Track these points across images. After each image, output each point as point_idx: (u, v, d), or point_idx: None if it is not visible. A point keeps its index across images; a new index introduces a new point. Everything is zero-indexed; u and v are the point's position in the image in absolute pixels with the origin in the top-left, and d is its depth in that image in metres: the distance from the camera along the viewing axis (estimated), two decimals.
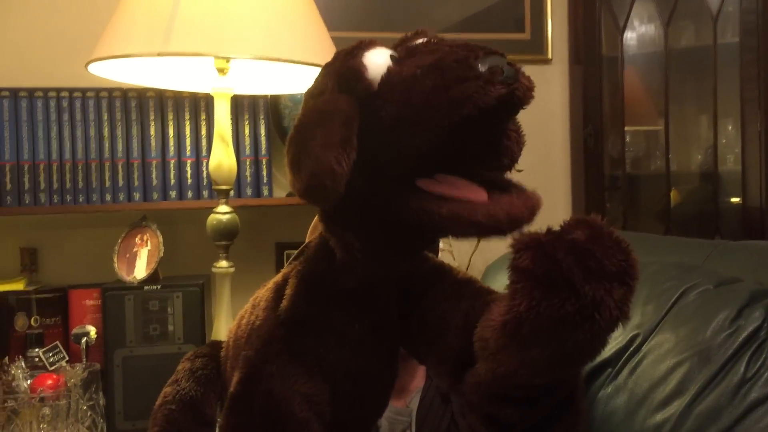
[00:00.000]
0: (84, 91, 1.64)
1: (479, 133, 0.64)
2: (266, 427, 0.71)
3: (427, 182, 0.62)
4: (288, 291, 0.74)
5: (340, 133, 0.59)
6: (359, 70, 0.63)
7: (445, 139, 0.60)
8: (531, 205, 0.61)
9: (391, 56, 0.64)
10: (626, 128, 1.97)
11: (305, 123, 0.62)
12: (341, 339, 0.72)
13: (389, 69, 0.62)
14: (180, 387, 0.86)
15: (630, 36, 1.99)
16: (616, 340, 1.01)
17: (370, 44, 0.65)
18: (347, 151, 0.58)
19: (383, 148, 0.61)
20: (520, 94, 0.60)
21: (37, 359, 1.53)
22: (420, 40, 0.67)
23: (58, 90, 1.63)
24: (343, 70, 0.64)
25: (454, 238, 0.68)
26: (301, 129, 0.62)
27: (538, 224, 0.64)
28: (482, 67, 0.58)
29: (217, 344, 0.90)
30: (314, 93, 0.66)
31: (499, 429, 0.67)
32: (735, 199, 1.87)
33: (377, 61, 0.63)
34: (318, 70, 1.01)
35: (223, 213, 1.50)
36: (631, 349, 0.99)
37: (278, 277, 0.79)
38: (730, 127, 1.88)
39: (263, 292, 0.80)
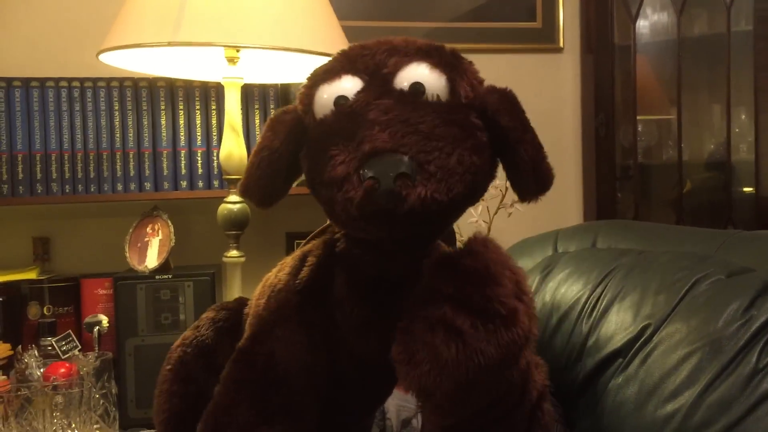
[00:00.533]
0: (95, 80, 1.65)
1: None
2: (263, 386, 0.73)
3: None
4: (309, 261, 0.76)
5: (259, 163, 0.67)
6: (307, 104, 0.68)
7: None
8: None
9: (339, 98, 0.65)
10: (638, 117, 1.96)
11: (261, 134, 0.69)
12: (348, 319, 0.73)
13: (322, 119, 0.65)
14: (199, 333, 0.89)
15: (642, 24, 1.97)
16: (627, 330, 1.01)
17: (335, 74, 0.67)
18: (263, 177, 0.67)
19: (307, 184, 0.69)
20: (399, 211, 0.59)
21: (49, 348, 1.54)
22: (405, 75, 0.65)
23: (70, 80, 1.64)
24: (298, 97, 0.70)
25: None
26: (259, 142, 0.69)
27: (550, 217, 0.65)
28: (365, 169, 0.59)
29: (244, 301, 0.92)
30: (285, 108, 0.72)
31: None
32: (748, 189, 1.85)
33: (325, 100, 0.66)
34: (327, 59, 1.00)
35: (233, 203, 1.50)
36: (642, 339, 0.98)
37: (307, 246, 0.80)
38: (743, 116, 1.86)
39: (290, 259, 0.81)
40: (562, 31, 2.05)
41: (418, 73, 0.65)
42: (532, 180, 0.66)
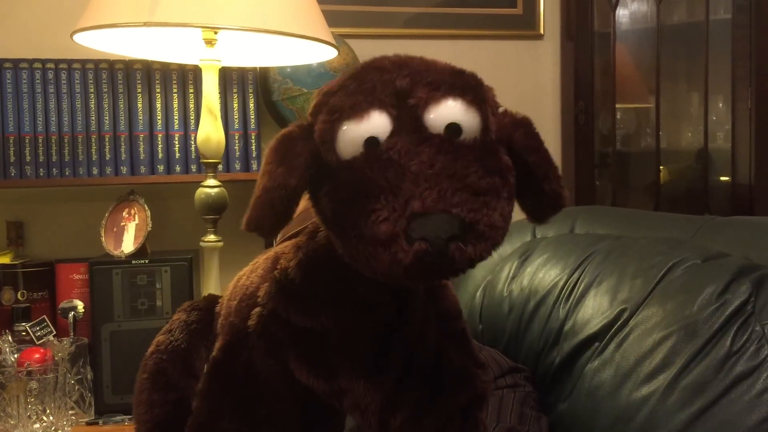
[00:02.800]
0: (70, 62, 1.62)
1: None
2: (245, 396, 0.71)
3: None
4: (281, 265, 0.74)
5: (272, 202, 0.61)
6: (328, 141, 0.60)
7: None
8: None
9: (369, 140, 0.59)
10: (617, 105, 1.97)
11: (264, 165, 0.62)
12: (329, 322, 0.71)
13: (354, 159, 0.59)
14: (173, 337, 0.87)
15: (622, 12, 1.98)
16: (604, 315, 1.01)
17: (363, 110, 0.59)
18: (277, 212, 0.61)
19: (326, 223, 0.63)
20: (444, 272, 0.56)
21: (24, 333, 1.53)
22: (437, 115, 0.60)
23: (44, 61, 1.61)
24: (318, 129, 0.61)
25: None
26: (262, 168, 0.63)
27: None
28: (413, 229, 0.54)
29: (214, 298, 0.90)
30: (309, 112, 0.64)
31: None
32: (724, 177, 1.87)
33: (352, 139, 0.59)
34: (308, 43, 0.97)
35: (211, 187, 1.49)
36: (619, 323, 0.99)
37: (280, 248, 0.78)
38: (720, 105, 1.88)
39: (262, 259, 0.79)
40: (543, 18, 2.05)
41: (454, 113, 0.60)
42: (551, 209, 0.65)
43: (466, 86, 0.63)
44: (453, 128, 0.59)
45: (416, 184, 0.56)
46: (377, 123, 0.59)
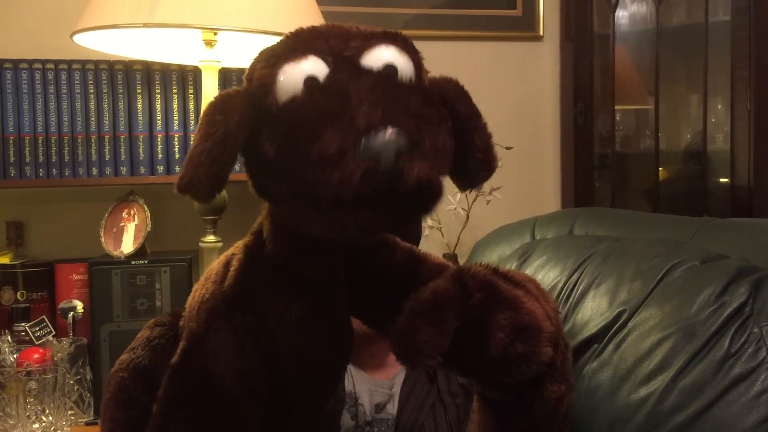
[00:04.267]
0: (70, 63, 1.62)
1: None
2: (197, 401, 0.71)
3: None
4: (233, 265, 0.74)
5: (212, 151, 0.60)
6: (267, 86, 0.61)
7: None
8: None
9: (309, 79, 0.60)
10: (616, 107, 1.97)
11: (206, 112, 0.62)
12: (281, 318, 0.71)
13: (294, 97, 0.59)
14: (135, 355, 0.88)
15: (622, 14, 1.98)
16: (603, 316, 1.01)
17: (300, 53, 0.61)
18: (214, 170, 0.60)
19: (268, 170, 0.62)
20: (398, 190, 0.55)
21: (23, 333, 1.53)
22: (373, 57, 0.61)
23: (44, 62, 1.61)
24: (256, 77, 0.62)
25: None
26: (200, 124, 0.62)
27: (528, 204, 0.65)
28: (363, 148, 0.54)
29: (178, 313, 0.90)
30: (245, 76, 0.66)
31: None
32: (723, 179, 1.87)
33: (290, 80, 0.60)
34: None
35: None
36: (617, 324, 0.99)
37: (230, 250, 0.78)
38: (719, 106, 1.88)
39: (215, 265, 0.79)
40: (542, 19, 2.05)
41: (388, 56, 0.62)
42: (481, 166, 0.65)
43: (397, 36, 0.65)
44: (390, 68, 0.61)
45: (361, 104, 0.56)
46: (315, 64, 0.60)
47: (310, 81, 0.60)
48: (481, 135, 0.65)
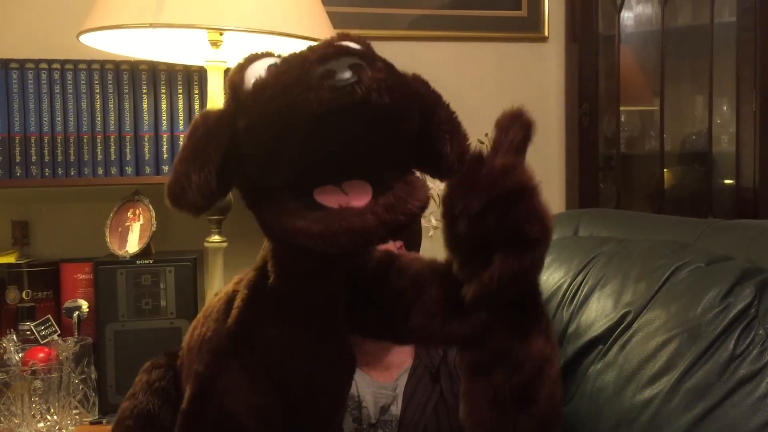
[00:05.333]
0: (76, 63, 1.62)
1: (399, 135, 0.61)
2: None
3: (323, 192, 0.59)
4: (236, 302, 0.73)
5: (194, 147, 0.61)
6: (237, 84, 0.63)
7: (308, 146, 0.58)
8: (405, 210, 0.59)
9: (270, 66, 0.62)
10: (621, 108, 1.97)
11: (190, 129, 0.64)
12: (288, 348, 0.71)
13: (257, 78, 0.61)
14: (137, 401, 0.86)
15: (627, 15, 1.98)
16: (608, 317, 1.01)
17: (260, 56, 0.65)
18: (198, 164, 0.60)
19: (249, 160, 0.61)
20: (356, 97, 0.56)
21: (28, 333, 1.53)
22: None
23: (50, 62, 1.61)
24: (228, 85, 0.65)
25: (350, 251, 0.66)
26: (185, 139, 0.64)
27: None
28: (314, 75, 0.56)
29: (174, 352, 0.89)
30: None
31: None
32: (728, 180, 1.87)
33: (255, 71, 0.62)
34: (313, 44, 0.96)
35: None
36: (622, 326, 0.99)
37: (229, 286, 0.78)
38: (725, 108, 1.88)
39: (215, 302, 0.79)
40: (547, 20, 2.05)
41: (353, 46, 0.63)
42: (451, 140, 0.65)
43: (360, 38, 0.67)
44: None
45: (315, 52, 0.59)
46: (275, 59, 0.64)
47: (274, 66, 0.62)
48: (444, 111, 0.65)
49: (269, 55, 0.65)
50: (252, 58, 0.65)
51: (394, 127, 0.60)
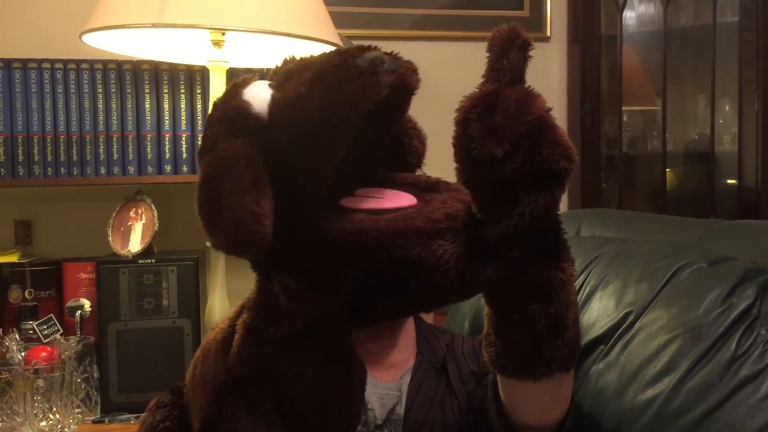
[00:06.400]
0: (78, 62, 1.63)
1: (378, 137, 0.63)
2: None
3: (352, 200, 0.59)
4: (235, 340, 0.71)
5: (248, 174, 0.55)
6: (244, 108, 0.58)
7: (351, 146, 0.58)
8: (463, 198, 0.60)
9: (270, 85, 0.60)
10: (624, 108, 1.97)
11: (209, 178, 0.57)
12: (297, 378, 0.69)
13: (273, 96, 0.59)
14: None
15: (629, 15, 1.98)
16: (609, 317, 1.01)
17: (245, 82, 0.61)
18: (262, 190, 0.55)
19: (294, 175, 0.59)
20: (408, 78, 0.59)
21: (31, 332, 1.53)
22: (291, 64, 0.63)
23: (53, 61, 1.62)
24: (228, 115, 0.59)
25: (395, 251, 0.66)
26: (206, 185, 0.57)
27: None
28: (362, 63, 0.56)
29: (179, 389, 0.88)
30: (206, 148, 0.60)
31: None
32: (731, 180, 1.87)
33: (258, 93, 0.59)
34: (315, 44, 0.98)
35: None
36: (624, 326, 0.99)
37: (224, 324, 0.75)
38: (727, 108, 1.87)
39: (212, 339, 0.76)
40: (550, 20, 2.05)
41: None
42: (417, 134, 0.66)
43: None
44: None
45: (339, 52, 0.58)
46: (263, 82, 0.61)
47: (273, 84, 0.60)
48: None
49: (249, 80, 0.62)
50: (238, 86, 0.61)
51: (404, 112, 0.62)
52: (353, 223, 0.57)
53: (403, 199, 0.59)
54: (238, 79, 0.62)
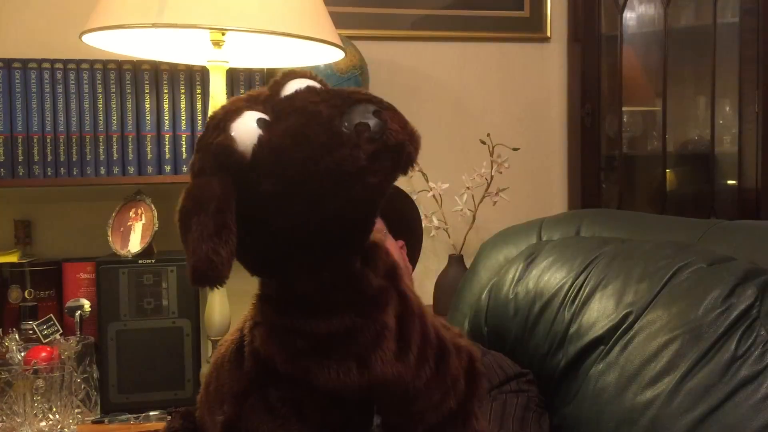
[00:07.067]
0: (78, 62, 1.63)
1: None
2: None
3: None
4: (249, 346, 0.72)
5: (213, 222, 0.59)
6: (229, 146, 0.61)
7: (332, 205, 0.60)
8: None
9: (259, 120, 0.62)
10: (624, 108, 1.97)
11: (184, 211, 0.61)
12: (331, 359, 0.67)
13: (259, 138, 0.61)
14: None
15: (629, 15, 1.98)
16: (609, 318, 1.01)
17: (236, 112, 0.63)
18: (224, 239, 0.59)
19: (274, 218, 0.61)
20: (391, 144, 0.58)
21: (30, 332, 1.54)
22: (289, 90, 0.65)
23: (52, 61, 1.62)
24: (213, 149, 0.62)
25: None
26: (181, 216, 0.61)
27: (535, 205, 0.64)
28: (348, 127, 0.58)
29: (190, 414, 0.88)
30: (192, 170, 0.65)
31: None
32: (731, 181, 1.87)
33: (245, 129, 0.61)
34: (315, 44, 0.98)
35: None
36: (624, 326, 0.99)
37: (233, 336, 0.76)
38: (727, 108, 1.87)
39: (222, 354, 0.76)
40: (550, 20, 2.05)
41: (303, 83, 0.65)
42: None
43: (306, 72, 0.69)
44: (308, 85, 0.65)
45: (319, 103, 0.60)
46: (253, 113, 0.62)
47: (262, 121, 0.62)
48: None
49: (240, 111, 0.63)
50: (228, 117, 0.63)
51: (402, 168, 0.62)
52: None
53: None
54: (231, 105, 0.64)
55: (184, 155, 1.67)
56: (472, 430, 0.71)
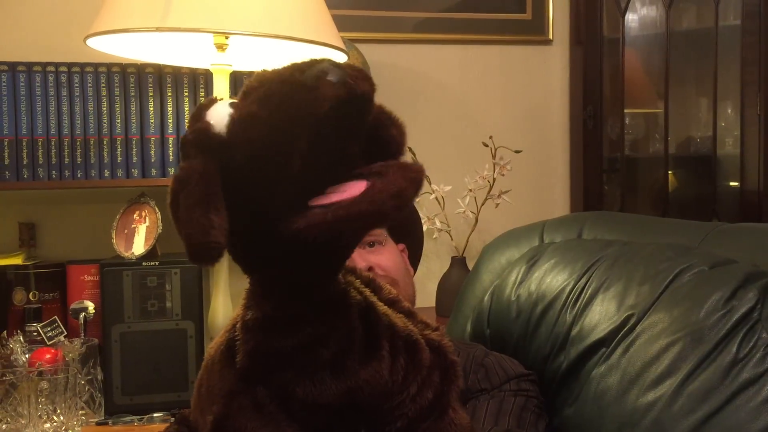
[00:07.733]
0: (83, 66, 1.64)
1: (346, 141, 0.64)
2: None
3: (318, 199, 0.61)
4: (239, 345, 0.72)
5: (198, 191, 0.61)
6: (205, 129, 0.63)
7: (315, 153, 0.60)
8: (412, 176, 0.60)
9: (231, 104, 0.64)
10: (626, 110, 1.97)
11: (172, 193, 0.63)
12: (304, 372, 0.69)
13: (230, 116, 0.62)
14: None
15: (631, 17, 1.98)
16: (611, 320, 1.02)
17: (210, 102, 0.65)
18: (211, 204, 0.60)
19: (255, 188, 0.62)
20: (355, 88, 0.59)
21: (35, 334, 1.54)
22: (253, 80, 0.66)
23: (57, 65, 1.63)
24: (193, 136, 0.64)
25: (351, 240, 0.67)
26: (171, 199, 0.63)
27: (537, 208, 0.65)
28: (307, 78, 0.59)
29: (185, 418, 0.88)
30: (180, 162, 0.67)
31: None
32: (733, 183, 1.87)
33: (219, 113, 0.63)
34: (317, 47, 0.98)
35: None
36: (626, 329, 0.99)
37: (223, 337, 0.76)
38: (729, 110, 1.88)
39: (212, 355, 0.77)
40: (552, 23, 2.05)
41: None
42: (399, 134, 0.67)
43: None
44: None
45: (288, 68, 0.61)
46: (226, 103, 0.64)
47: (234, 104, 0.63)
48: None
49: (210, 102, 0.65)
50: (204, 107, 0.65)
51: (367, 116, 0.63)
52: (305, 220, 0.59)
53: (359, 188, 0.61)
54: (206, 101, 0.66)
55: None
56: (449, 420, 0.72)
